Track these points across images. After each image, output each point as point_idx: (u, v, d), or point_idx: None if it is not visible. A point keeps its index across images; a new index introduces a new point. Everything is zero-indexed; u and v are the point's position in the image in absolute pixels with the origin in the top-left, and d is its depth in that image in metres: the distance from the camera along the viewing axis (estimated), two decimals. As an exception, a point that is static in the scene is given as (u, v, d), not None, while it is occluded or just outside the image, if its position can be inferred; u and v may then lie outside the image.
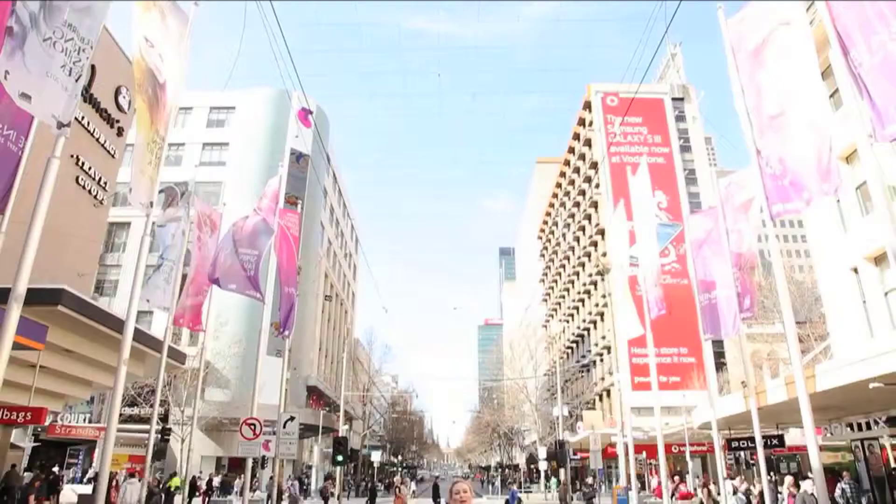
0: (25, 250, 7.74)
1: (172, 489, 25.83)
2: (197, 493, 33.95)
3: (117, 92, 22.11)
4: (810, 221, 25.26)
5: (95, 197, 21.27)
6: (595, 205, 62.40)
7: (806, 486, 14.14)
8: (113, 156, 21.98)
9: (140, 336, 16.68)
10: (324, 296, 57.63)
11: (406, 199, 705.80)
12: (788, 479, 23.53)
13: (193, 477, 34.80)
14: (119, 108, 22.20)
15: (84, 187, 20.70)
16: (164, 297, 16.50)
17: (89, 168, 20.83)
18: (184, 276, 17.65)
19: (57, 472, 33.81)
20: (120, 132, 22.28)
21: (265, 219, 18.70)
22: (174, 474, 27.24)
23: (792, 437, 29.20)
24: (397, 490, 26.59)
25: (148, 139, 10.80)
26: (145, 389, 35.36)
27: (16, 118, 8.79)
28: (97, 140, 21.29)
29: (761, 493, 19.08)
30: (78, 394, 21.05)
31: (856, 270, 21.20)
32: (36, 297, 12.12)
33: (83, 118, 20.43)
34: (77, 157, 20.24)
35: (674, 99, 64.23)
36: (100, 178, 21.33)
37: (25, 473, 22.22)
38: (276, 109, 52.54)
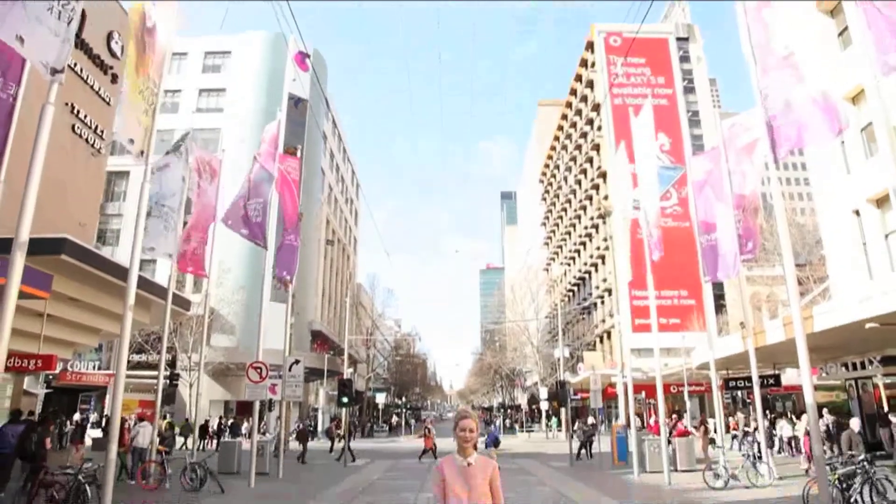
0: (25, 198, 7.74)
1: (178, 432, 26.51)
2: (208, 436, 34.90)
3: (109, 37, 21.63)
4: (813, 164, 25.06)
5: (93, 146, 21.09)
6: (597, 147, 61.81)
7: (854, 424, 14.44)
8: (108, 103, 21.65)
9: (144, 284, 16.81)
10: (325, 240, 57.77)
11: (405, 146, 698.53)
12: (804, 417, 23.94)
13: (206, 421, 35.70)
14: (112, 53, 21.75)
15: (80, 136, 20.50)
16: (166, 244, 16.56)
17: (85, 116, 20.57)
18: (184, 224, 17.67)
19: (82, 418, 34.74)
20: (114, 79, 21.88)
21: (264, 165, 18.60)
22: (187, 420, 27.92)
23: (788, 377, 29.72)
24: (426, 431, 27.35)
25: (140, 86, 10.63)
26: (152, 336, 35.85)
27: (5, 66, 8.64)
28: (91, 87, 20.95)
29: (755, 431, 19.54)
30: (86, 341, 21.36)
31: (857, 213, 21.15)
32: (39, 247, 12.21)
33: (76, 65, 20.05)
34: (72, 105, 19.96)
35: (678, 39, 62.77)
36: (96, 127, 21.09)
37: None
38: (272, 54, 51.49)
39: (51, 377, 32.20)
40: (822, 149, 22.28)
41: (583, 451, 26.12)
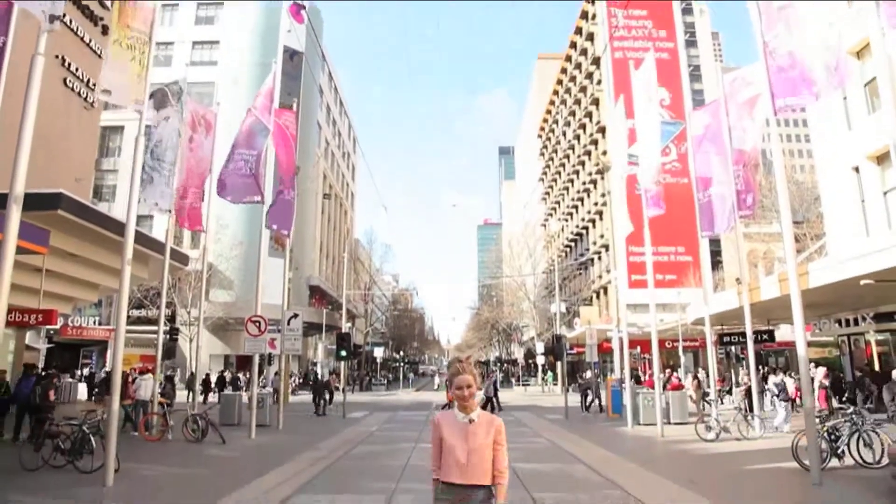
0: (19, 151, 7.69)
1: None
2: (213, 390, 35.37)
3: (99, -14, 21.10)
4: (814, 120, 24.85)
5: (85, 99, 20.78)
6: (596, 102, 61.07)
7: None
8: (99, 56, 21.24)
9: (141, 239, 16.79)
10: (322, 195, 57.53)
11: (403, 100, 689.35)
12: (821, 371, 24.33)
13: (206, 375, 36.11)
14: (102, 4, 21.25)
15: (73, 89, 20.18)
16: (163, 198, 16.48)
17: (76, 69, 20.21)
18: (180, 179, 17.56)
19: (92, 373, 35.12)
20: (105, 30, 21.38)
21: (260, 117, 18.39)
22: (193, 374, 28.24)
23: (782, 334, 30.02)
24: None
25: (125, 36, 10.42)
26: (151, 292, 36.00)
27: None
28: (82, 39, 20.54)
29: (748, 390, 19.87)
30: (85, 296, 21.46)
31: (857, 170, 21.08)
32: (35, 203, 12.16)
33: (65, 16, 19.59)
34: (62, 57, 19.59)
35: (682, -11, 61.37)
36: (88, 80, 20.74)
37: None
38: (266, 5, 50.36)
39: (52, 332, 32.47)
40: (824, 104, 22.06)
41: (593, 403, 26.78)
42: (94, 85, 21.09)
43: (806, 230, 38.49)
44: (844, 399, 22.99)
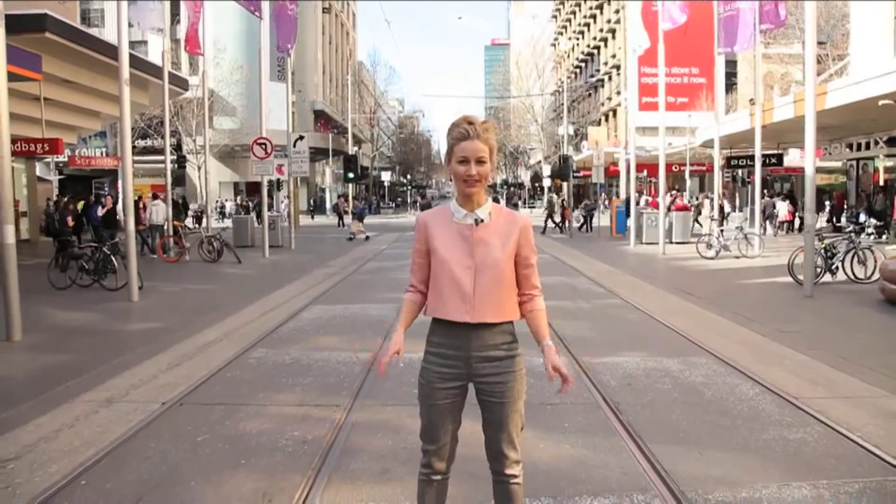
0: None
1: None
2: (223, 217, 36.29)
3: None
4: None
5: None
6: None
7: None
8: None
9: (137, 63, 16.28)
10: (322, 8, 54.54)
11: None
12: (785, 206, 24.52)
13: (216, 202, 36.81)
14: None
15: None
16: (155, 18, 15.75)
17: None
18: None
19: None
20: None
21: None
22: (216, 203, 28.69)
23: (790, 158, 29.81)
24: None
25: None
26: (155, 121, 35.51)
27: None
28: None
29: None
30: (88, 125, 21.31)
31: (893, -22, 19.62)
32: (21, 25, 11.69)
33: None
34: None
35: None
36: None
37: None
38: None
39: (61, 164, 32.68)
40: None
41: (584, 224, 28.00)
42: None
43: (829, 50, 36.66)
44: (847, 218, 23.33)
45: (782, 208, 25.06)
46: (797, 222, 24.63)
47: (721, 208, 20.29)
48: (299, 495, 3.47)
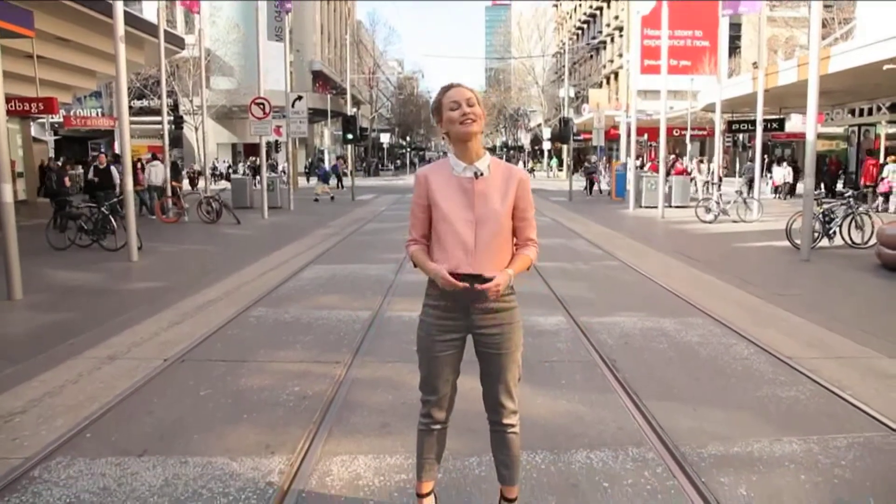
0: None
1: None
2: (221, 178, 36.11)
3: None
4: None
5: None
6: None
7: None
8: None
9: (132, 20, 16.06)
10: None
11: None
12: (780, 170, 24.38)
13: (213, 163, 36.55)
14: None
15: None
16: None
17: None
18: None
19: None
20: None
21: None
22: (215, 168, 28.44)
23: (792, 124, 29.57)
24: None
25: None
26: (150, 80, 35.01)
27: None
28: None
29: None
30: (83, 84, 21.07)
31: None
32: (13, -22, 11.47)
33: None
34: None
35: None
36: None
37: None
38: None
39: (57, 125, 32.31)
40: None
41: (593, 187, 28.32)
42: None
43: (836, 13, 36.04)
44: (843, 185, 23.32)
45: (777, 173, 24.92)
46: (787, 187, 24.55)
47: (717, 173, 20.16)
48: (301, 447, 3.55)
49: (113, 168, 14.95)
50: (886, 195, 18.28)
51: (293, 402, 4.27)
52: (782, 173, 24.61)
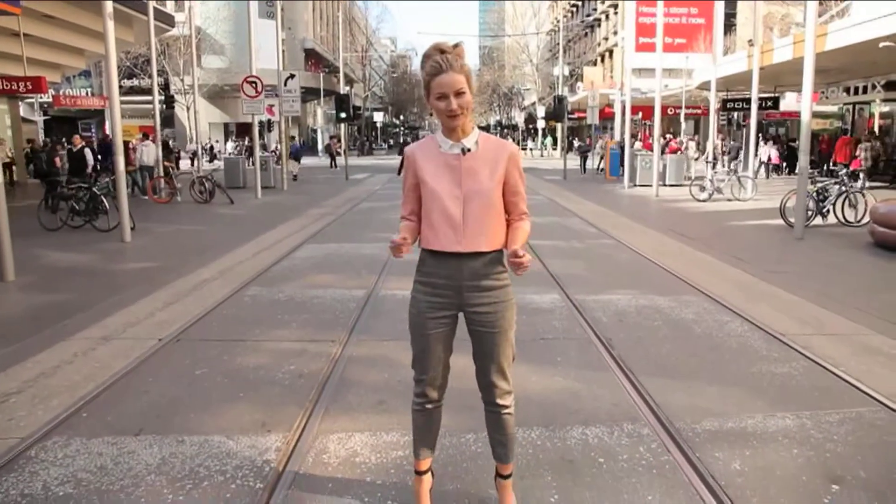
0: None
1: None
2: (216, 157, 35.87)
3: None
4: None
5: None
6: None
7: None
8: None
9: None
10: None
11: None
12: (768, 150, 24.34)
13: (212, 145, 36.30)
14: None
15: None
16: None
17: None
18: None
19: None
20: None
21: None
22: (212, 147, 28.17)
23: (787, 102, 29.49)
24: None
25: None
26: (141, 59, 34.59)
27: None
28: None
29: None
30: (72, 63, 20.81)
31: None
32: (-2, -47, 11.24)
33: None
34: None
35: None
36: None
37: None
38: None
39: (46, 105, 31.91)
40: None
41: (587, 165, 28.89)
42: None
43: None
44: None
45: (764, 152, 24.84)
46: (771, 165, 24.54)
47: (712, 151, 20.15)
48: (297, 424, 3.56)
49: (87, 150, 14.76)
50: (855, 173, 18.05)
51: (289, 380, 4.28)
52: (768, 152, 24.56)
